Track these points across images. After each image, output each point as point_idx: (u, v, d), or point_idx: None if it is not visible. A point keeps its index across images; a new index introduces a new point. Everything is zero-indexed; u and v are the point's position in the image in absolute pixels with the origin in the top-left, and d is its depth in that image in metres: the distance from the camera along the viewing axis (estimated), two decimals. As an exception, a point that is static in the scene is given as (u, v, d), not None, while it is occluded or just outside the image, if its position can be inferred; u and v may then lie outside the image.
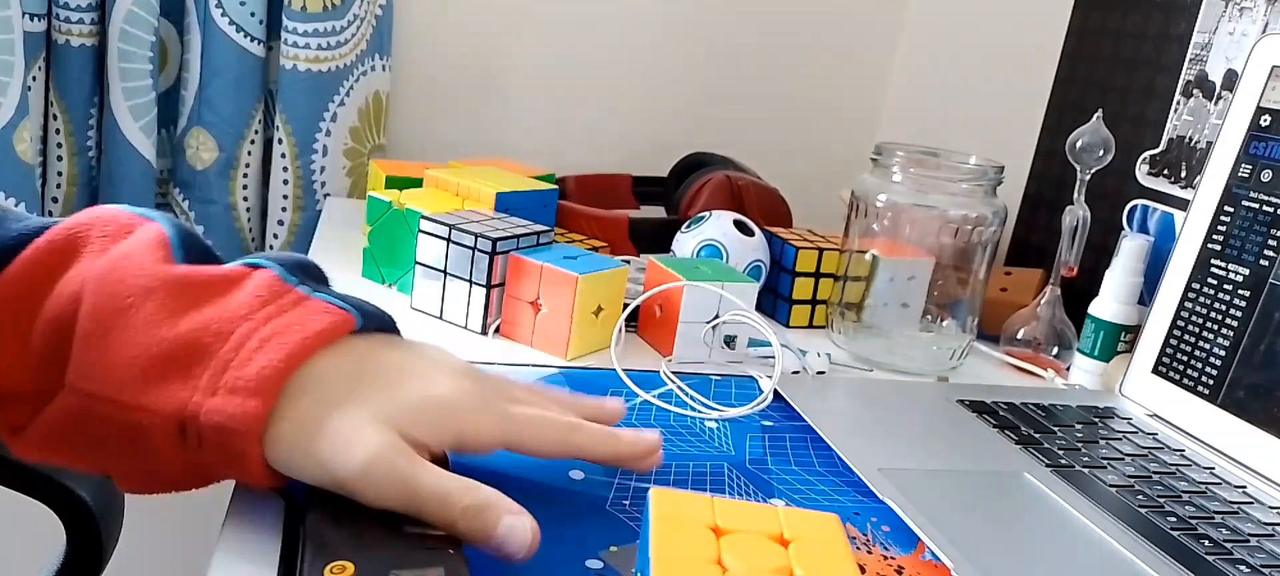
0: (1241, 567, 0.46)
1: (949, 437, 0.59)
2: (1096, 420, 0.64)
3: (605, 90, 1.18)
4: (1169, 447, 0.61)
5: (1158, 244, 0.76)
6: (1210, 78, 0.80)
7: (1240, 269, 0.63)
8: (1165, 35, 0.84)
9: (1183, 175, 0.82)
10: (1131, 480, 0.55)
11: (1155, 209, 0.83)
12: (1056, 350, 0.77)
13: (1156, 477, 0.56)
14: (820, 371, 0.68)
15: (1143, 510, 0.51)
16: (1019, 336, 0.79)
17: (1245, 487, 0.56)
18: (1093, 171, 0.77)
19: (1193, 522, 0.50)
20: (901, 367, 0.73)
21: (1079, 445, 0.59)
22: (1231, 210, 0.64)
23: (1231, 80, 0.78)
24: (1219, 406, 0.62)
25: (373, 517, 0.37)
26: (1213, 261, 0.65)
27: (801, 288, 0.80)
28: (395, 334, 0.44)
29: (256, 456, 0.36)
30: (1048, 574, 0.45)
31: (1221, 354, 0.63)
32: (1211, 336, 0.63)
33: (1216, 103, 0.79)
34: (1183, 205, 0.80)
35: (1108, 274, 0.73)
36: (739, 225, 0.80)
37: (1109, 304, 0.73)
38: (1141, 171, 0.85)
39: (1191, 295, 0.66)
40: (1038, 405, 0.65)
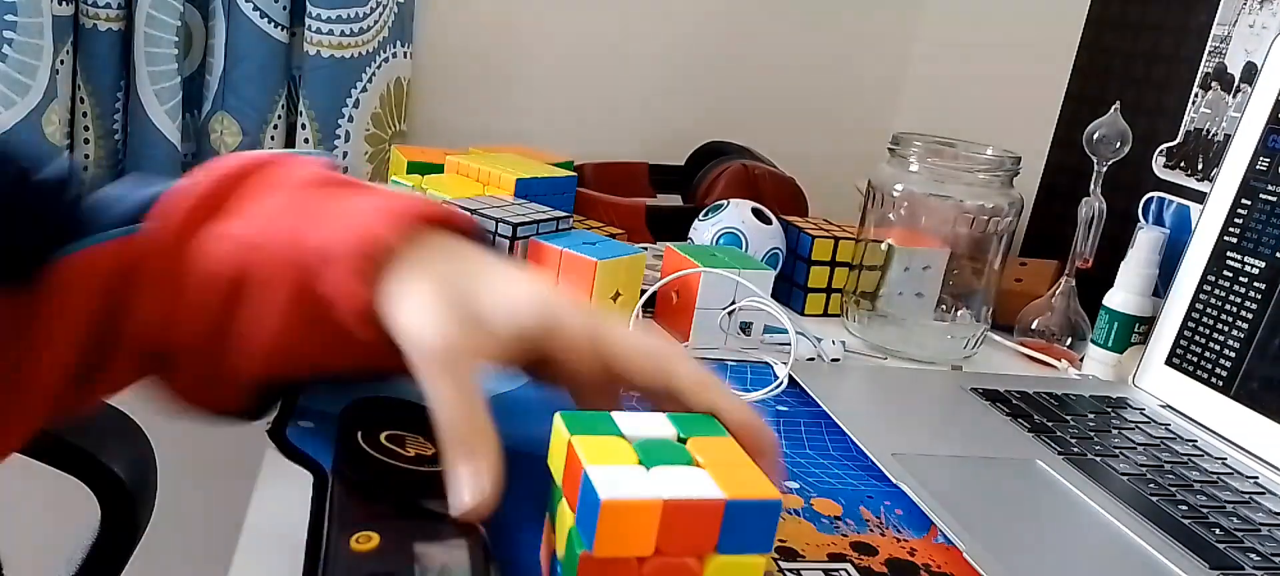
0: (1252, 555, 0.47)
1: (962, 425, 0.60)
2: (1109, 410, 0.65)
3: (623, 79, 1.19)
4: (1181, 438, 0.62)
5: (1173, 236, 0.76)
6: (1229, 70, 0.80)
7: (1256, 261, 0.63)
8: (1184, 27, 0.84)
9: (1199, 168, 0.82)
10: (1143, 469, 0.55)
11: (1171, 201, 0.84)
12: (1070, 341, 0.78)
13: (1168, 467, 0.56)
14: (835, 359, 0.69)
15: (1154, 498, 0.52)
16: (1033, 327, 0.79)
17: (1257, 478, 0.57)
18: (1109, 163, 0.77)
19: (1204, 511, 0.51)
20: (916, 356, 0.73)
21: (1091, 434, 0.60)
22: (1248, 203, 0.64)
23: (1250, 73, 0.78)
24: (1232, 398, 0.62)
25: (399, 491, 0.38)
26: (1229, 254, 0.65)
27: (817, 276, 0.80)
28: None
29: (370, 284, 0.37)
30: (1059, 558, 0.45)
31: (1235, 346, 0.63)
32: (1226, 328, 0.64)
33: (1235, 95, 0.79)
34: (1199, 198, 0.80)
35: (1123, 266, 0.74)
36: (757, 213, 0.80)
37: (1123, 295, 0.73)
38: (1158, 164, 0.85)
39: (1206, 287, 0.66)
40: (1051, 394, 0.66)
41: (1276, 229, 0.62)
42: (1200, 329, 0.66)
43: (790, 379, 0.62)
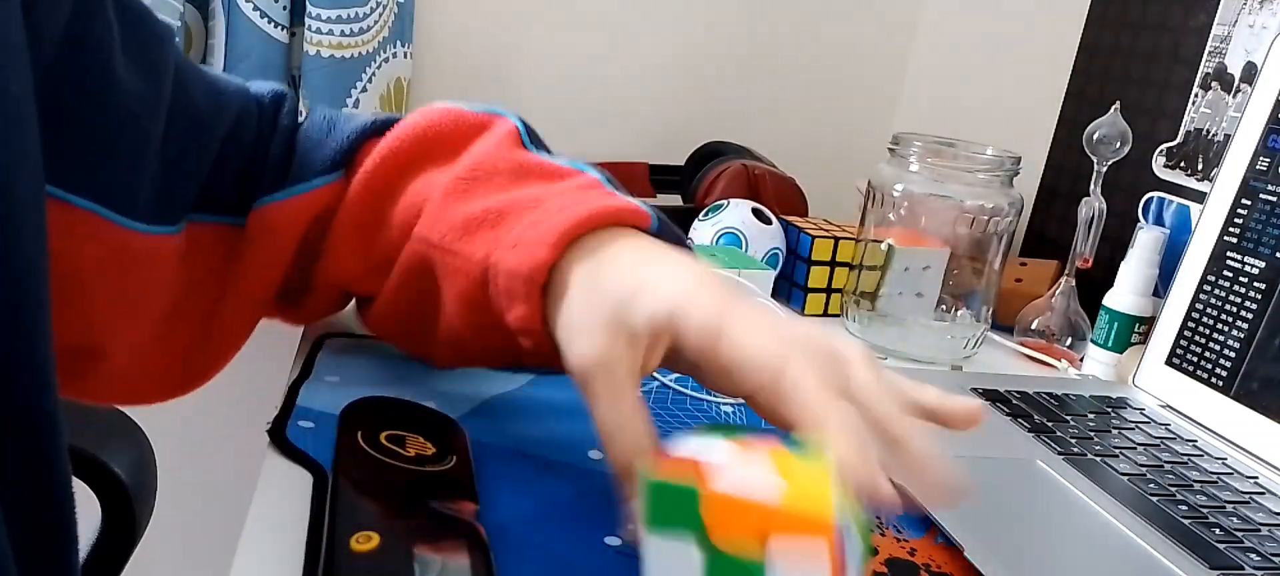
0: (1253, 556, 0.47)
1: (962, 425, 0.60)
2: (1109, 410, 0.65)
3: (623, 79, 1.19)
4: (1181, 438, 0.62)
5: (1173, 236, 0.77)
6: (1229, 70, 0.80)
7: (1256, 261, 0.63)
8: (1184, 27, 0.84)
9: (1199, 168, 0.82)
10: (1143, 469, 0.55)
11: (1171, 201, 0.84)
12: (1070, 341, 0.78)
13: (1168, 467, 0.56)
14: (835, 359, 0.69)
15: (1154, 498, 0.52)
16: (1033, 327, 0.79)
17: (1257, 478, 0.57)
18: (1109, 163, 0.77)
19: (1204, 511, 0.51)
20: (916, 356, 0.73)
21: (1091, 434, 0.60)
22: (1249, 203, 0.64)
23: (1251, 73, 0.78)
24: (1232, 398, 0.62)
25: (399, 491, 0.38)
26: (1229, 254, 0.65)
27: (817, 276, 0.80)
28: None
29: (537, 306, 0.39)
30: (1059, 558, 0.45)
31: (1235, 346, 0.63)
32: (1226, 328, 0.64)
33: (1235, 95, 0.79)
34: (1199, 198, 0.80)
35: (1123, 266, 0.74)
36: (757, 213, 0.80)
37: (1124, 295, 0.73)
38: (1158, 164, 0.85)
39: (1207, 287, 0.66)
40: (1051, 394, 0.66)
41: (1276, 229, 0.62)
42: (1200, 329, 0.66)
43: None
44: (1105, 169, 0.77)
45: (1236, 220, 0.65)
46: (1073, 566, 0.45)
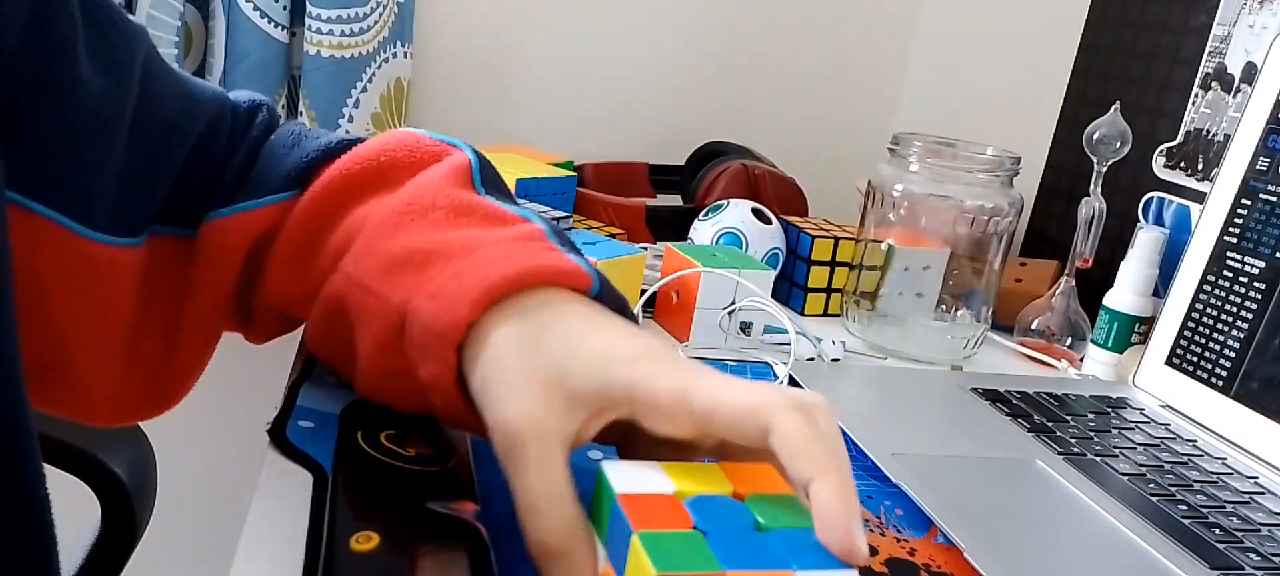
0: (1252, 556, 0.47)
1: (962, 425, 0.60)
2: (1109, 410, 0.65)
3: (623, 79, 1.19)
4: (1181, 438, 0.62)
5: (1173, 236, 0.77)
6: (1229, 70, 0.80)
7: (1256, 261, 0.63)
8: (1184, 27, 0.84)
9: (1199, 168, 0.82)
10: (1143, 469, 0.55)
11: (1171, 201, 0.84)
12: (1070, 341, 0.78)
13: (1168, 467, 0.56)
14: (835, 359, 0.69)
15: (1154, 498, 0.52)
16: (1033, 327, 0.79)
17: (1257, 478, 0.57)
18: (1109, 163, 0.77)
19: (1204, 511, 0.51)
20: (915, 356, 0.73)
21: (1091, 434, 0.60)
22: (1248, 203, 0.64)
23: (1251, 73, 0.78)
24: (1232, 398, 0.62)
25: (399, 491, 0.38)
26: (1229, 254, 0.65)
27: (817, 276, 0.80)
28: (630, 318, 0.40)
29: (450, 364, 0.36)
30: (1059, 558, 0.45)
31: (1235, 346, 0.63)
32: (1226, 328, 0.64)
33: (1235, 95, 0.79)
34: (1199, 198, 0.80)
35: (1123, 266, 0.74)
36: (757, 213, 0.80)
37: (1124, 295, 0.73)
38: (1158, 164, 0.85)
39: (1206, 287, 0.66)
40: (1051, 394, 0.66)
41: (1276, 229, 0.62)
42: (1200, 329, 0.66)
43: (790, 379, 0.62)
44: (1105, 169, 0.77)
45: (1236, 220, 0.65)
46: (1073, 566, 0.45)
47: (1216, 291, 0.65)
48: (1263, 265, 0.63)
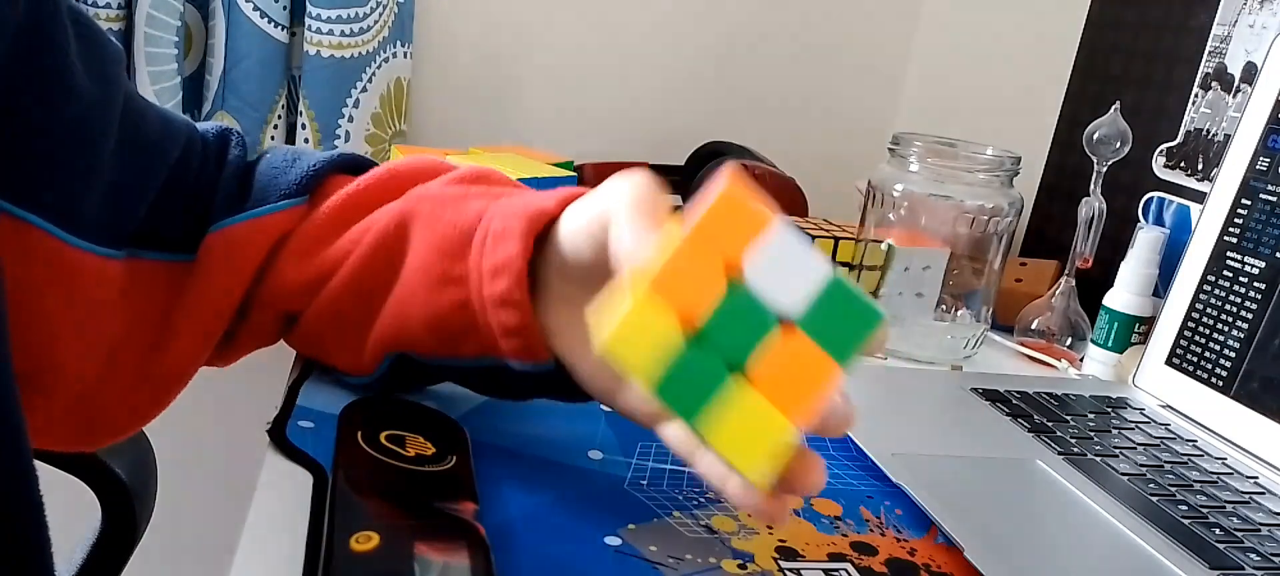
0: (1252, 556, 0.47)
1: (962, 425, 0.60)
2: (1109, 410, 0.65)
3: (623, 79, 1.19)
4: (1181, 438, 0.62)
5: (1173, 236, 0.76)
6: (1229, 70, 0.80)
7: (1256, 261, 0.63)
8: (1184, 27, 0.84)
9: (1199, 168, 0.82)
10: (1143, 469, 0.55)
11: (1171, 201, 0.84)
12: (1070, 341, 0.78)
13: (1168, 467, 0.56)
14: (835, 359, 0.69)
15: (1154, 498, 0.52)
16: (1033, 327, 0.79)
17: (1257, 478, 0.57)
18: (1109, 163, 0.77)
19: (1204, 511, 0.51)
20: (916, 356, 0.73)
21: (1091, 434, 0.60)
22: (1249, 203, 0.64)
23: (1251, 73, 0.78)
24: (1232, 398, 0.62)
25: (399, 491, 0.38)
26: (1229, 254, 0.65)
27: (817, 276, 0.80)
28: None
29: (529, 246, 0.40)
30: (1059, 558, 0.45)
31: (1235, 346, 0.63)
32: (1226, 328, 0.64)
33: (1235, 95, 0.79)
34: (1199, 198, 0.80)
35: (1123, 266, 0.74)
36: (756, 213, 0.80)
37: (1123, 295, 0.73)
38: (1158, 164, 0.86)
39: (1206, 287, 0.66)
40: (1051, 394, 0.66)
41: (1276, 229, 0.62)
42: (1200, 329, 0.66)
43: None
44: (1105, 169, 0.77)
45: (1236, 220, 0.65)
46: (1072, 566, 0.45)
47: (1216, 291, 0.65)
48: (1263, 265, 0.63)
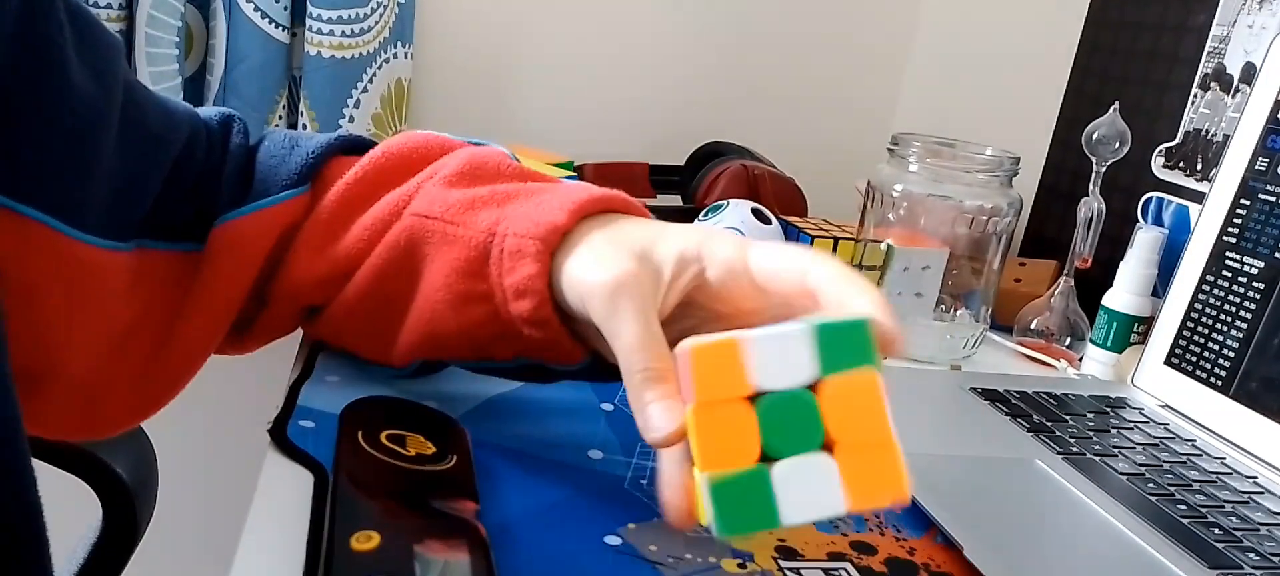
0: (1252, 556, 0.47)
1: (961, 424, 0.60)
2: (1108, 410, 0.65)
3: (623, 79, 1.19)
4: (1180, 438, 0.62)
5: (1172, 236, 0.77)
6: (1228, 71, 0.80)
7: (1255, 261, 0.63)
8: (1183, 27, 0.84)
9: (1198, 168, 0.82)
10: (1142, 468, 0.56)
11: (1170, 201, 0.84)
12: (1069, 341, 0.78)
13: (1167, 467, 0.57)
14: (835, 358, 0.69)
15: (1153, 498, 0.52)
16: (1032, 327, 0.79)
17: (1256, 478, 0.57)
18: (1108, 163, 0.77)
19: (1203, 511, 0.51)
20: (915, 356, 0.73)
21: (1090, 434, 0.60)
22: (1248, 203, 0.65)
23: (1249, 73, 0.78)
24: (1231, 398, 0.62)
25: (400, 490, 0.38)
26: (1228, 254, 0.65)
27: (817, 276, 0.80)
28: None
29: (546, 266, 0.40)
30: (1058, 557, 0.46)
31: (1234, 346, 0.63)
32: (1225, 328, 0.64)
33: (1234, 96, 0.79)
34: (1198, 198, 0.80)
35: (1122, 266, 0.74)
36: (757, 213, 0.80)
37: (1122, 295, 0.73)
38: (1157, 164, 0.86)
39: (1205, 287, 0.66)
40: (1050, 394, 0.66)
41: (1275, 229, 0.62)
42: (1199, 329, 0.66)
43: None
44: (1104, 169, 0.77)
45: (1235, 220, 0.65)
46: (1072, 566, 0.45)
47: (1215, 291, 0.65)
48: (1262, 265, 0.63)
